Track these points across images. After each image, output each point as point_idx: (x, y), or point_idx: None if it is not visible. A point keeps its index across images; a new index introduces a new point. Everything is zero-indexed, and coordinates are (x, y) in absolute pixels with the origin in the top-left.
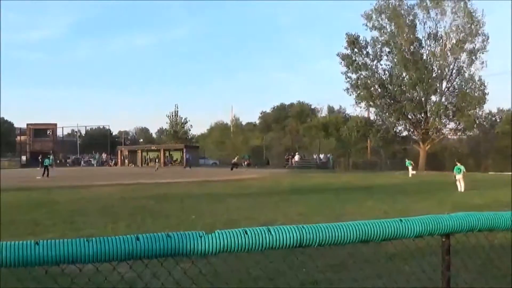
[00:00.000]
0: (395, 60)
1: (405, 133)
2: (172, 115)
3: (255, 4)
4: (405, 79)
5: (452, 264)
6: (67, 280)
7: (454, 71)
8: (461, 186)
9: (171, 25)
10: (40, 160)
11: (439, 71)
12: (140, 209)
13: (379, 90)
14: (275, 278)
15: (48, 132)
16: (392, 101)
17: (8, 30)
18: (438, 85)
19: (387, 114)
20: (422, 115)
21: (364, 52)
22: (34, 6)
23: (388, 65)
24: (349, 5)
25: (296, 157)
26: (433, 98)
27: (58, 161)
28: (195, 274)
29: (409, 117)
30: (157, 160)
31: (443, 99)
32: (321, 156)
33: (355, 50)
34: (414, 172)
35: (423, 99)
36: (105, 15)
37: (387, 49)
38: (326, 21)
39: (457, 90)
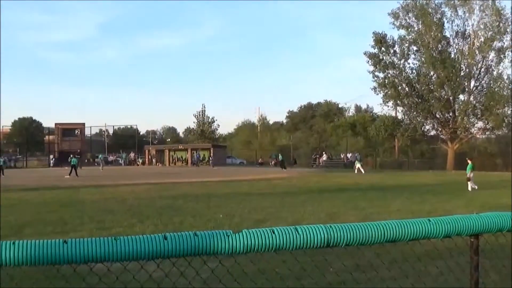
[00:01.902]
0: (423, 58)
1: (433, 133)
2: (199, 115)
3: (282, 3)
4: (432, 78)
5: (480, 265)
6: (95, 278)
7: (482, 69)
8: (472, 184)
9: (199, 25)
10: (69, 159)
11: (467, 70)
12: (167, 208)
13: (407, 89)
14: (302, 278)
15: (76, 132)
16: (419, 100)
17: (37, 31)
18: (466, 83)
19: (414, 113)
20: (450, 114)
21: (391, 51)
22: (62, 6)
23: (416, 64)
24: (376, 3)
25: (324, 157)
26: (461, 97)
27: (97, 160)
28: (223, 274)
29: (437, 116)
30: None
31: (471, 98)
32: (349, 155)
33: (382, 49)
34: (362, 171)
35: (451, 98)
36: (132, 15)
37: (415, 48)
38: (353, 19)
39: (485, 89)
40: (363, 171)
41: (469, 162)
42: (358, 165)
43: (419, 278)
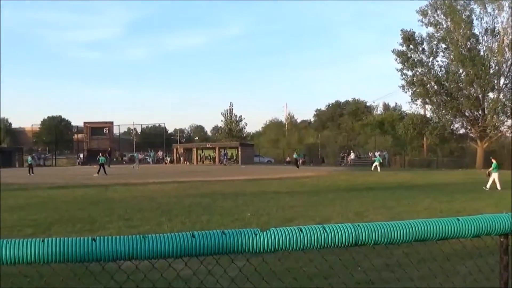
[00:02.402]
0: (452, 56)
1: (462, 131)
2: (227, 113)
3: (309, 1)
4: (461, 75)
5: (510, 265)
6: (123, 276)
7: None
8: (489, 184)
9: (226, 24)
10: (98, 157)
11: (496, 67)
12: (195, 206)
13: (435, 87)
14: (330, 277)
15: (104, 130)
16: (448, 98)
17: (65, 30)
18: (495, 81)
19: (443, 111)
20: (479, 113)
21: (420, 48)
22: (91, 5)
23: (445, 61)
24: (404, 1)
25: (351, 155)
26: (491, 95)
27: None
28: (250, 272)
29: (466, 114)
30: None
31: (501, 96)
32: (377, 154)
33: (411, 46)
34: (378, 169)
35: (480, 96)
36: (160, 14)
37: (443, 45)
38: (381, 17)
39: None
40: (378, 169)
41: (493, 161)
42: (376, 162)
43: (448, 277)
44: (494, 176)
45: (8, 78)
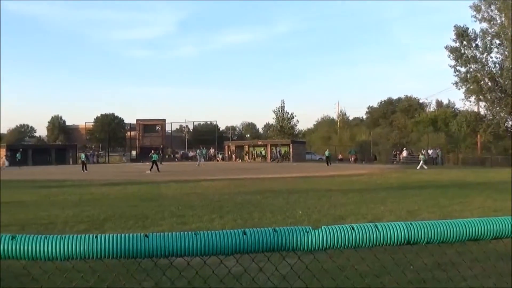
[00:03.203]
0: (506, 52)
1: None
2: (279, 110)
3: None
4: None
5: None
6: (175, 272)
7: None
8: None
9: (278, 21)
10: (150, 155)
11: None
12: (246, 203)
13: (489, 83)
14: (381, 275)
15: (157, 128)
16: (503, 95)
17: (118, 29)
18: None
19: (497, 108)
20: None
21: (473, 44)
22: (142, 4)
23: (499, 57)
24: None
25: (404, 153)
26: None
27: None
28: (302, 270)
29: None
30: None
31: None
32: (430, 151)
33: (464, 42)
34: (424, 167)
35: None
36: (211, 12)
37: (497, 41)
38: (434, 13)
39: None
40: (424, 167)
41: None
42: (421, 161)
43: (501, 277)
44: None
45: (62, 77)
